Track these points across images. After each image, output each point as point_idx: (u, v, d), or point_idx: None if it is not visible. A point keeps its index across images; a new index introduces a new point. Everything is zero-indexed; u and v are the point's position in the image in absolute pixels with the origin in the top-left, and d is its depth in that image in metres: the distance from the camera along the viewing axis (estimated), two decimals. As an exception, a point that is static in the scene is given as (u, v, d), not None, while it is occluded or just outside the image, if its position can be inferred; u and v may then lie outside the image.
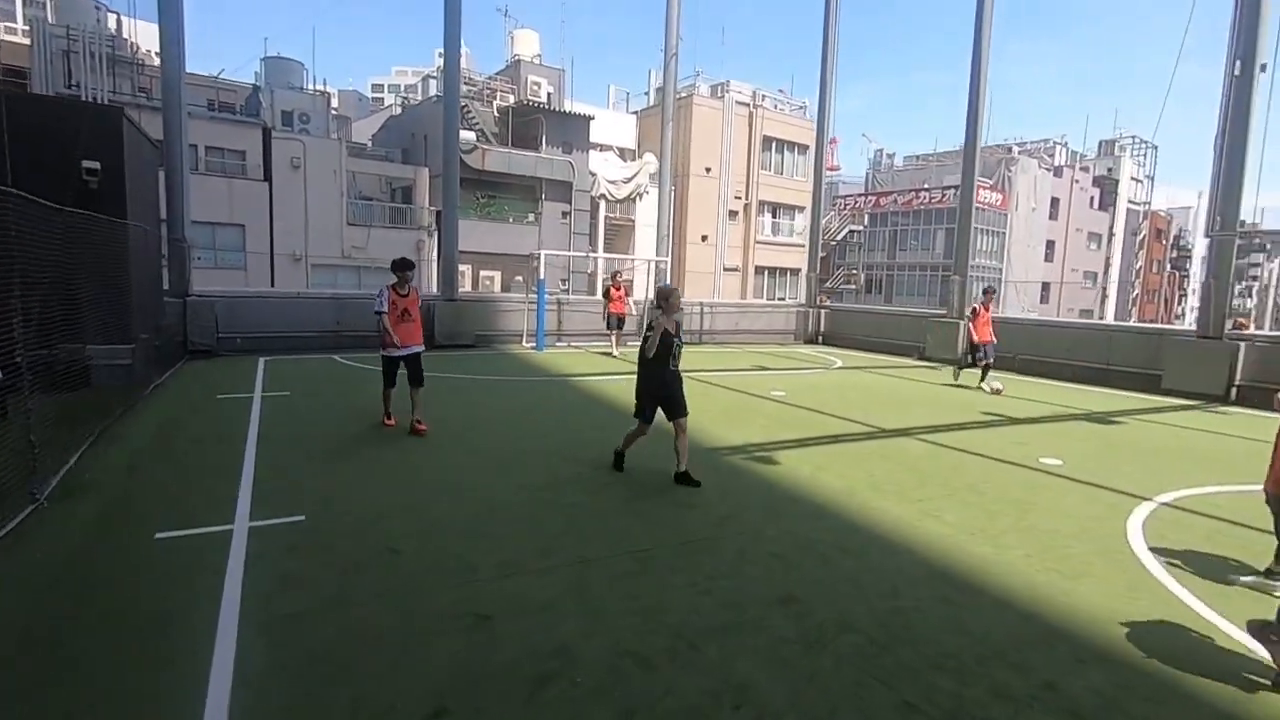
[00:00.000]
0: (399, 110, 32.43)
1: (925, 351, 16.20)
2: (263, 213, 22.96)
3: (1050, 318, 29.42)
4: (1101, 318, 51.13)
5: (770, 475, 5.68)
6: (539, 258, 14.94)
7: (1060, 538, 4.48)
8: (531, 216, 28.19)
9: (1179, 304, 70.95)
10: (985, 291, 11.84)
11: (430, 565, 3.76)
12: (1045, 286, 52.89)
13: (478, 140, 25.98)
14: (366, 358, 12.06)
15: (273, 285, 22.08)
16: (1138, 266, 64.95)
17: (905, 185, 52.01)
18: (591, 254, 26.50)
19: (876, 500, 5.09)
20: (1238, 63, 11.19)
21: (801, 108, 37.35)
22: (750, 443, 6.77)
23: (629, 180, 30.82)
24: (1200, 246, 77.88)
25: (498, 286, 28.02)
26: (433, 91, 29.84)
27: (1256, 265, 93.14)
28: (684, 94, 34.57)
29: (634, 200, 31.22)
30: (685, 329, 18.12)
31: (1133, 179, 62.42)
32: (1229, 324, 11.54)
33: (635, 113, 35.10)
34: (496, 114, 28.15)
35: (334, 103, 32.96)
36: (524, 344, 15.27)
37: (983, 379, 11.28)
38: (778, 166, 35.72)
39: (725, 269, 33.97)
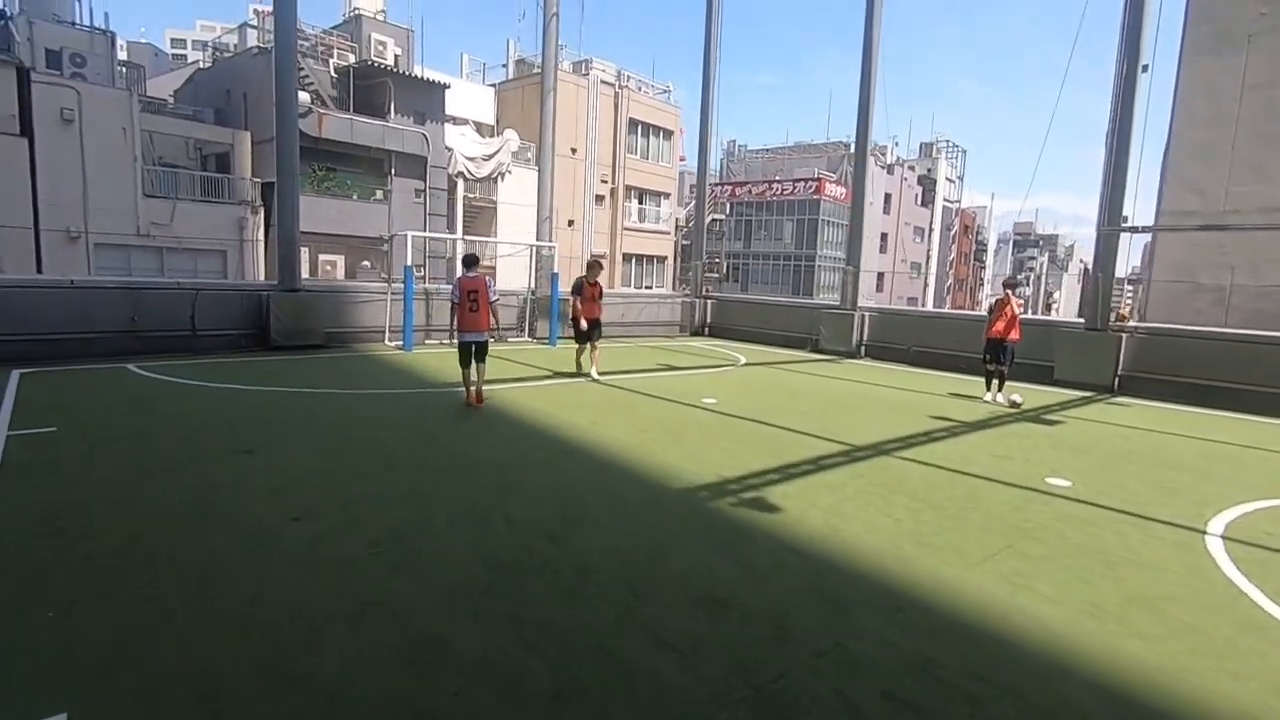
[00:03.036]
0: (209, 63, 27.39)
1: (820, 344, 15.82)
2: (21, 178, 18.02)
3: (942, 310, 30.97)
4: (924, 305, 56.05)
5: (784, 533, 4.34)
6: (405, 239, 12.55)
7: (1180, 607, 3.53)
8: (380, 193, 24.91)
9: (979, 292, 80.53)
10: (1006, 285, 10.13)
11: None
12: (880, 276, 56.82)
13: (313, 103, 22.34)
14: (176, 366, 9.25)
15: (39, 271, 17.41)
16: (951, 258, 71.95)
17: (758, 177, 53.43)
18: (461, 237, 23.87)
19: (941, 566, 3.91)
20: (1125, 64, 11.51)
21: (665, 92, 36.64)
22: (725, 477, 5.40)
23: (490, 158, 28.30)
24: (992, 240, 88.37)
25: (340, 273, 24.52)
26: (252, 41, 25.38)
27: (1033, 259, 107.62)
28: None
29: (495, 180, 28.77)
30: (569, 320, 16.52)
31: (947, 179, 68.86)
32: (1112, 317, 11.95)
33: (494, 85, 32.47)
34: (334, 74, 24.47)
35: (121, 54, 27.09)
36: (387, 342, 12.86)
37: (999, 388, 9.68)
38: (643, 151, 34.76)
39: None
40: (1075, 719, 2.58)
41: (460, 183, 27.63)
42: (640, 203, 35.20)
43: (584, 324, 10.03)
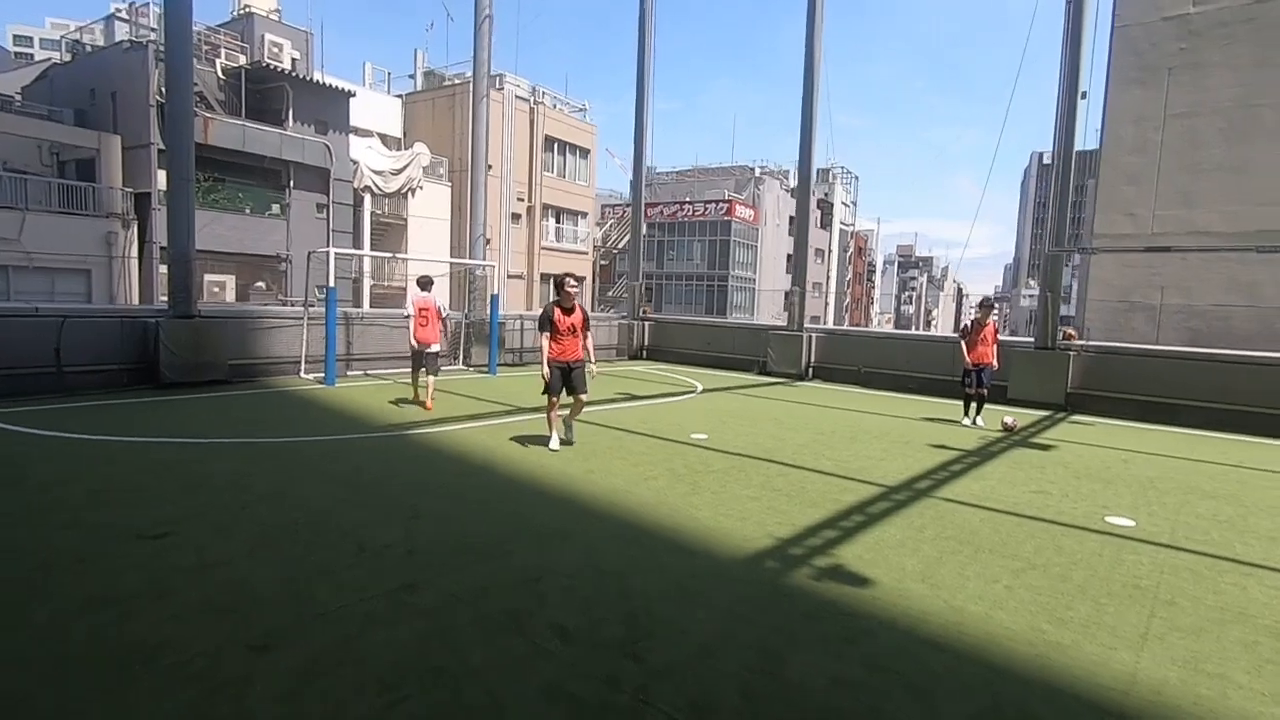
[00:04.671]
0: (69, 58, 24.07)
1: (768, 366, 15.41)
2: None
3: (890, 330, 31.57)
4: (825, 323, 58.06)
5: (899, 617, 3.55)
6: (326, 256, 10.96)
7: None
8: (277, 207, 22.61)
9: (871, 309, 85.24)
10: (982, 305, 10.05)
11: None
12: (787, 295, 58.17)
13: (197, 105, 19.93)
14: (40, 413, 7.42)
15: None
16: (848, 278, 75.35)
17: (668, 198, 53.66)
18: (396, 255, 22.04)
19: (1106, 653, 3.25)
20: (1063, 92, 11.82)
21: (582, 110, 35.97)
22: (779, 537, 4.57)
23: (399, 172, 26.48)
24: (880, 262, 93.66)
25: (230, 295, 21.98)
26: (121, 36, 22.46)
27: (915, 279, 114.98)
28: (457, 80, 31.03)
29: (405, 195, 26.95)
30: (506, 347, 15.27)
31: (843, 203, 72.21)
32: (1060, 335, 12.16)
33: (401, 96, 30.63)
34: (222, 76, 22.05)
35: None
36: (303, 374, 11.19)
37: (978, 412, 9.51)
38: (560, 169, 33.84)
39: (510, 276, 31.08)
40: None
41: (367, 197, 25.66)
42: (558, 222, 34.20)
43: (546, 372, 6.73)
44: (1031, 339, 12.31)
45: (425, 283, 9.45)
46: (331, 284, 10.76)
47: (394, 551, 4.10)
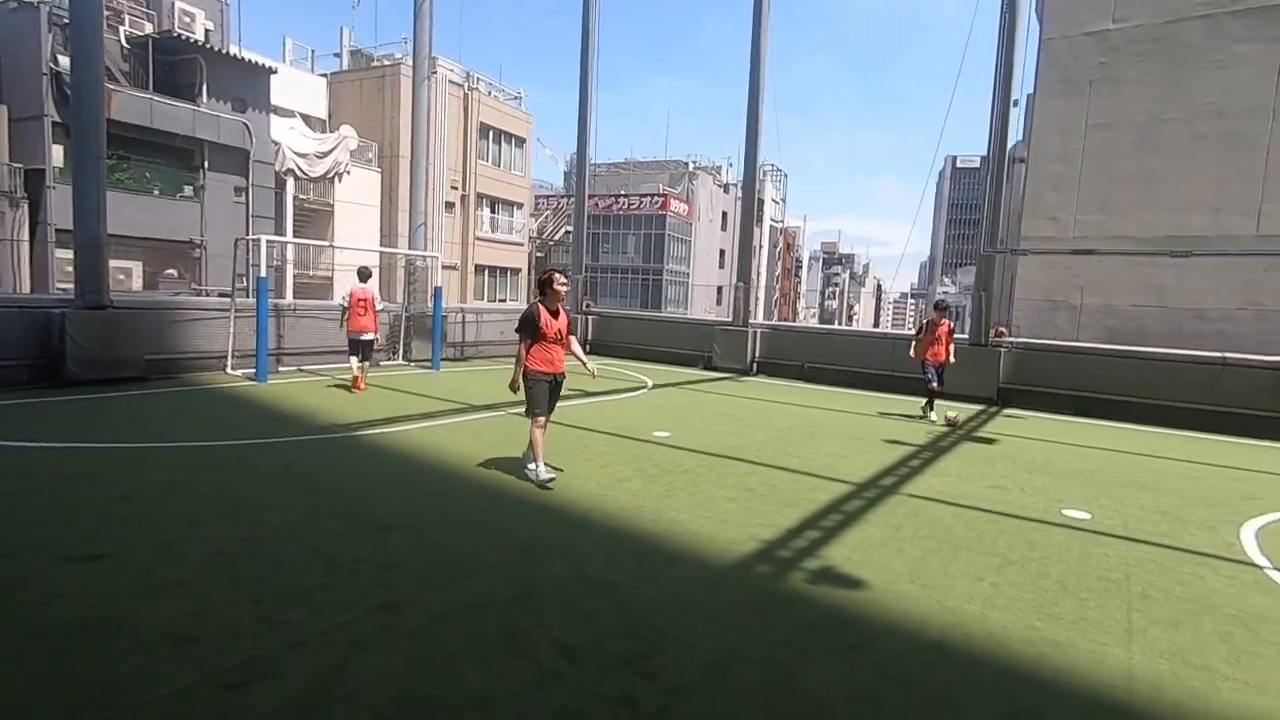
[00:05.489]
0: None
1: (714, 361, 15.49)
2: None
3: (833, 327, 32.09)
4: (756, 318, 59.20)
5: (899, 620, 3.58)
6: (256, 242, 10.21)
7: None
8: (190, 189, 21.05)
9: (798, 304, 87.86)
10: (937, 307, 10.41)
11: None
12: (719, 290, 59.07)
13: (98, 75, 18.27)
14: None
15: None
16: (777, 274, 77.10)
17: (602, 190, 53.35)
18: (334, 244, 20.80)
19: (1100, 650, 3.35)
20: (997, 100, 12.32)
21: (517, 98, 35.18)
22: (764, 540, 4.53)
23: (324, 155, 25.17)
24: (806, 258, 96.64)
25: (137, 283, 20.38)
26: (7, -5, 20.26)
27: (838, 275, 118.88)
28: (387, 61, 29.73)
29: (332, 180, 25.66)
30: (449, 341, 14.74)
31: (773, 200, 73.71)
32: (992, 333, 12.72)
33: (325, 75, 29.10)
34: (126, 45, 20.31)
35: None
36: (230, 371, 10.44)
37: (931, 406, 9.90)
38: (495, 158, 33.02)
39: (444, 267, 30.10)
40: None
41: (290, 181, 24.28)
42: (493, 211, 33.39)
43: (523, 382, 5.53)
44: (965, 335, 12.83)
45: (364, 274, 10.08)
46: (263, 273, 10.06)
47: (368, 567, 3.81)
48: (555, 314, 5.57)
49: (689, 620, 3.39)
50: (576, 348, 5.96)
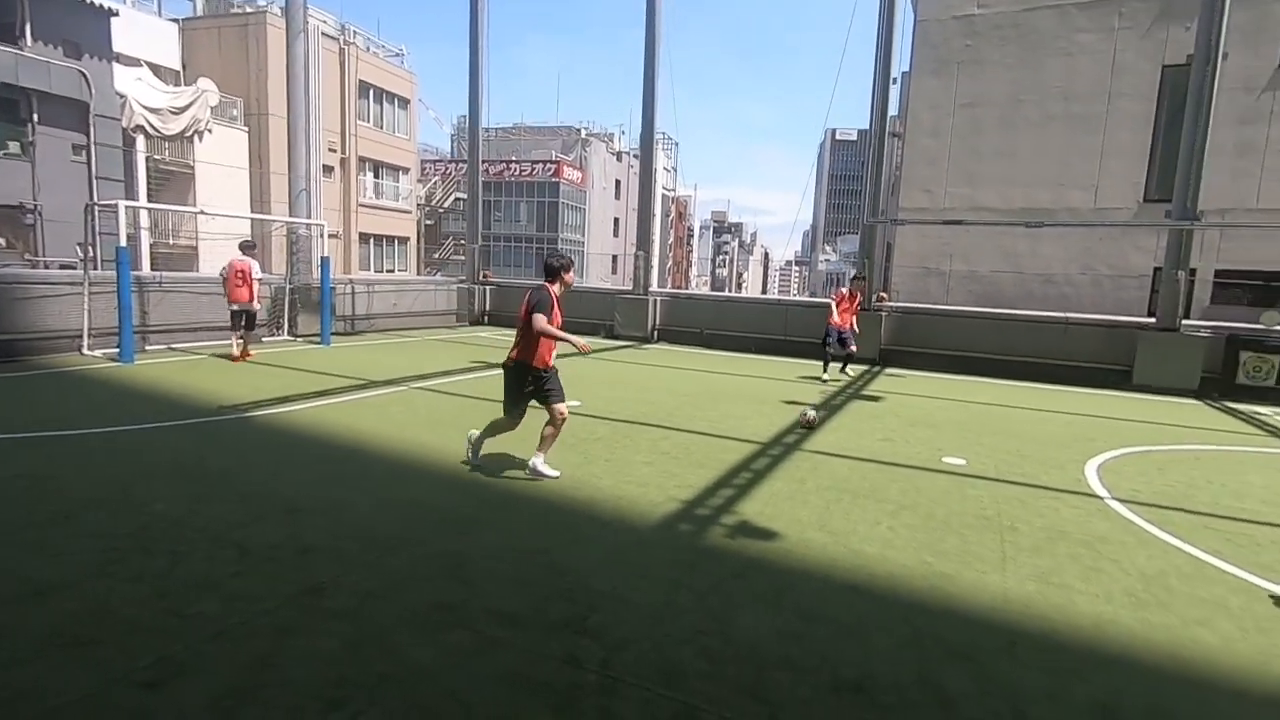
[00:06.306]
0: None
1: (615, 329, 15.63)
2: None
3: (732, 295, 32.57)
4: (653, 286, 59.93)
5: (813, 567, 3.87)
6: (116, 209, 9.17)
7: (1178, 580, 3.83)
8: (17, 146, 18.48)
9: (690, 272, 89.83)
10: (855, 279, 11.64)
11: None
12: (615, 259, 59.13)
13: (-112, 8, 15.56)
14: None
15: None
16: (670, 242, 78.03)
17: (494, 156, 51.67)
18: (201, 211, 18.76)
19: (983, 578, 3.77)
20: (878, 78, 13.02)
21: (398, 55, 33.22)
22: (682, 500, 4.73)
23: (180, 111, 22.79)
24: (697, 227, 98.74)
25: (-45, 253, 17.78)
26: None
27: (728, 244, 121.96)
28: (249, 9, 27.11)
29: (191, 139, 23.32)
30: (339, 315, 13.96)
31: (665, 169, 74.19)
32: (874, 298, 13.62)
33: (177, 21, 26.17)
34: (-78, -28, 17.35)
35: None
36: (88, 351, 9.44)
37: (843, 369, 11.04)
38: (376, 119, 31.15)
39: (327, 235, 28.28)
40: None
41: (141, 139, 21.87)
42: (377, 177, 31.61)
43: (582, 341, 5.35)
44: (852, 301, 13.65)
45: (247, 246, 10.07)
46: (122, 243, 9.08)
47: (284, 552, 3.65)
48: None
49: (623, 579, 3.52)
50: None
